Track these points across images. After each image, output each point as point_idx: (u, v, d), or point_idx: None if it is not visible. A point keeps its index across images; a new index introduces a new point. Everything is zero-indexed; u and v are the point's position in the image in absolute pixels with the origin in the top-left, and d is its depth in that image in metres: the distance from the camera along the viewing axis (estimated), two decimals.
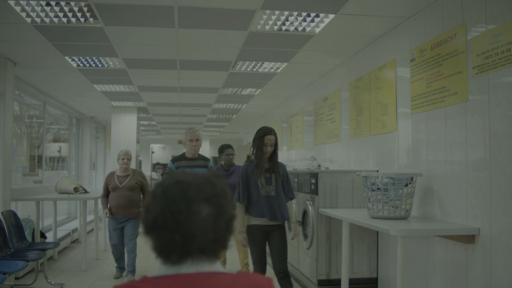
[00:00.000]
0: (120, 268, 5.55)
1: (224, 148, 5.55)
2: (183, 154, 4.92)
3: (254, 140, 3.79)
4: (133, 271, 5.46)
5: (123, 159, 5.42)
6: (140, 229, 1.53)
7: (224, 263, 5.39)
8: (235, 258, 5.94)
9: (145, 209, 1.11)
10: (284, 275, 3.70)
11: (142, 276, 1.08)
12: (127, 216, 5.34)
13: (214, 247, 1.09)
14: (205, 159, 4.90)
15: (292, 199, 3.92)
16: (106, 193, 5.42)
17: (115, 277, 5.52)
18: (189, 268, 1.06)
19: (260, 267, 3.70)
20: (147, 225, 1.09)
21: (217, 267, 1.10)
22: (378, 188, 3.46)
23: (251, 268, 5.34)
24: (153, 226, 1.07)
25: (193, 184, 1.10)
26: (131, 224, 5.39)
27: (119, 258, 5.51)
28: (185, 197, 1.07)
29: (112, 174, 5.53)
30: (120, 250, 5.49)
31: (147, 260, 6.31)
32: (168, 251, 1.06)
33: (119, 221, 5.36)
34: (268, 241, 3.78)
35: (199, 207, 1.07)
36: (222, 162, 5.52)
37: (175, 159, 4.85)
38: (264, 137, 3.69)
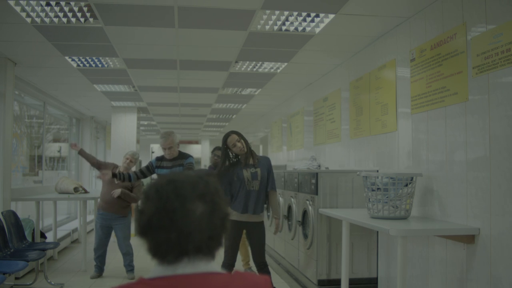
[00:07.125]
0: (98, 268, 5.55)
1: (214, 149, 5.75)
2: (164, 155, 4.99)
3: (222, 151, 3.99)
4: (132, 270, 5.49)
5: (127, 158, 5.60)
6: (133, 231, 1.53)
7: (249, 268, 5.42)
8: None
9: (138, 211, 1.10)
10: (263, 266, 3.98)
11: (138, 277, 1.07)
12: (114, 213, 5.39)
13: (210, 245, 1.09)
14: (183, 157, 4.93)
15: (272, 189, 4.08)
16: (101, 162, 5.74)
17: (92, 277, 5.48)
18: (185, 267, 1.06)
19: (230, 259, 3.95)
20: (142, 226, 1.08)
21: (212, 267, 1.10)
22: (378, 188, 3.45)
23: (252, 267, 5.35)
24: (148, 226, 1.07)
25: (186, 182, 1.10)
26: (120, 226, 5.44)
27: (99, 255, 5.52)
28: (179, 195, 1.07)
29: (116, 168, 5.58)
30: (103, 248, 5.53)
31: (146, 259, 6.31)
32: (164, 250, 1.06)
33: (107, 217, 5.43)
34: (249, 236, 4.04)
35: (194, 205, 1.07)
36: (210, 163, 5.83)
37: (158, 158, 4.96)
38: (226, 142, 3.91)
